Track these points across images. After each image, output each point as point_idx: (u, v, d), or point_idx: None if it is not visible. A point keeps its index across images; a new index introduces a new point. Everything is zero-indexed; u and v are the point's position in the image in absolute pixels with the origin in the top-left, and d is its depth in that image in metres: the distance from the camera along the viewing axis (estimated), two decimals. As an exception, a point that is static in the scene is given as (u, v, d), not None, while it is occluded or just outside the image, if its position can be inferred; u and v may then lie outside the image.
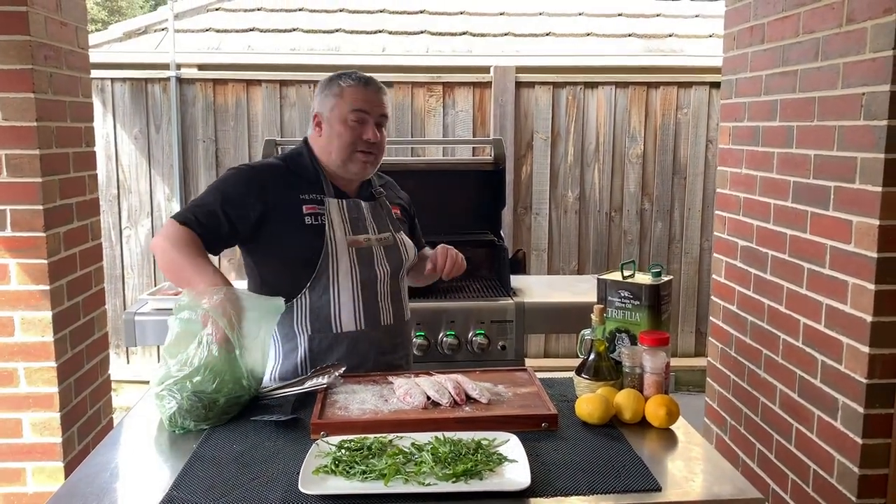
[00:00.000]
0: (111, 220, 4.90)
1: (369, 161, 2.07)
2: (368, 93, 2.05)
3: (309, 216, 2.01)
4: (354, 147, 2.03)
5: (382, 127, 2.08)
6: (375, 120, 2.05)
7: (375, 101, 2.06)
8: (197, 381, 1.63)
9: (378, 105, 2.06)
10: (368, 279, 2.05)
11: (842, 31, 2.20)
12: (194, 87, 4.86)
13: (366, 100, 2.04)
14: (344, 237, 2.03)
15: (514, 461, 1.43)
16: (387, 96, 2.11)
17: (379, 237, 2.10)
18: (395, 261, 2.11)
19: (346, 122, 2.03)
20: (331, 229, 2.02)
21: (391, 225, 2.15)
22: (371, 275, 2.06)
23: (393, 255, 2.11)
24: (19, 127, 2.47)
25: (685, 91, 5.01)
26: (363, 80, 2.06)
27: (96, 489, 1.40)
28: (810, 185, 2.37)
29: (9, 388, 2.57)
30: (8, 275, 2.52)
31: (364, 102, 2.04)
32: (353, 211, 2.08)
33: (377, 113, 2.06)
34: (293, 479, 1.38)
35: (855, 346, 2.13)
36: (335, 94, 2.04)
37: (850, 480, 2.16)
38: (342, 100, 2.03)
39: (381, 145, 2.08)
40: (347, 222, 2.06)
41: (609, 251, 5.11)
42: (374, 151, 2.06)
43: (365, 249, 2.06)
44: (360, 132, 2.03)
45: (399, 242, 2.14)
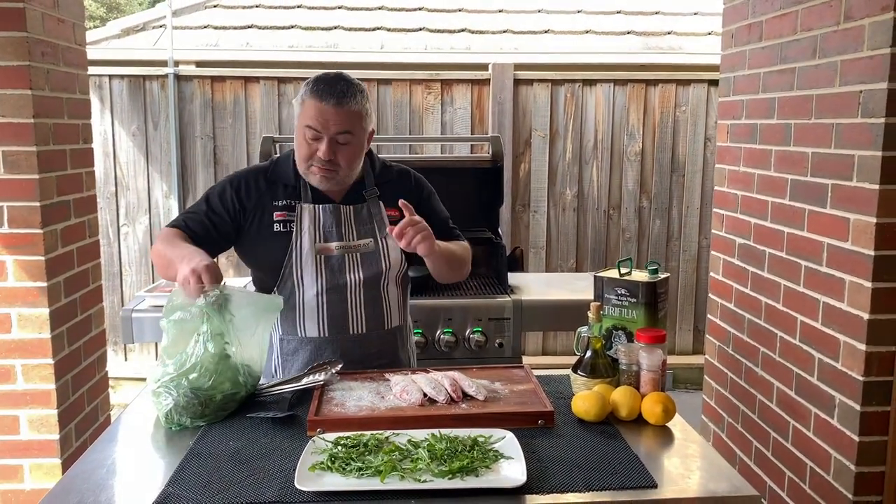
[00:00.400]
0: (109, 218, 4.90)
1: (326, 176, 1.97)
2: (324, 108, 1.91)
3: (278, 223, 2.03)
4: (309, 162, 1.97)
5: (344, 144, 1.95)
6: (331, 136, 1.93)
7: (332, 117, 1.92)
8: (193, 377, 1.63)
9: (336, 122, 1.92)
10: (335, 287, 2.01)
11: (839, 28, 2.20)
12: (192, 84, 4.85)
13: (319, 116, 1.92)
14: (312, 244, 2.01)
15: (510, 458, 1.43)
16: (353, 107, 1.94)
17: (357, 244, 2.04)
18: (372, 268, 2.04)
19: (304, 135, 1.95)
20: (298, 237, 2.01)
21: (377, 230, 2.06)
22: (339, 282, 2.01)
23: (371, 262, 2.04)
24: (16, 123, 2.47)
25: (684, 89, 5.01)
26: (320, 93, 1.93)
27: (93, 485, 1.40)
28: (808, 183, 2.37)
29: (6, 384, 2.57)
30: (5, 271, 2.52)
31: (317, 119, 1.92)
32: (328, 217, 2.03)
33: (334, 130, 1.92)
34: (289, 475, 1.38)
35: (852, 343, 2.14)
36: (299, 103, 1.98)
37: (846, 478, 2.17)
38: (302, 110, 1.96)
39: (342, 163, 1.96)
40: (320, 229, 2.02)
41: (607, 249, 5.12)
42: (330, 167, 1.96)
43: (335, 257, 2.02)
44: (315, 148, 1.94)
45: (382, 249, 2.05)
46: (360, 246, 2.04)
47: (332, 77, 1.98)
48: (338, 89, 1.93)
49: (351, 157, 1.98)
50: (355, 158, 2.00)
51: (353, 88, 1.96)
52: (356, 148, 1.99)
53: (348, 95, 1.94)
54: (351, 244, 2.04)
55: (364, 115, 1.98)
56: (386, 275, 2.07)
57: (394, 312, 2.11)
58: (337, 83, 1.95)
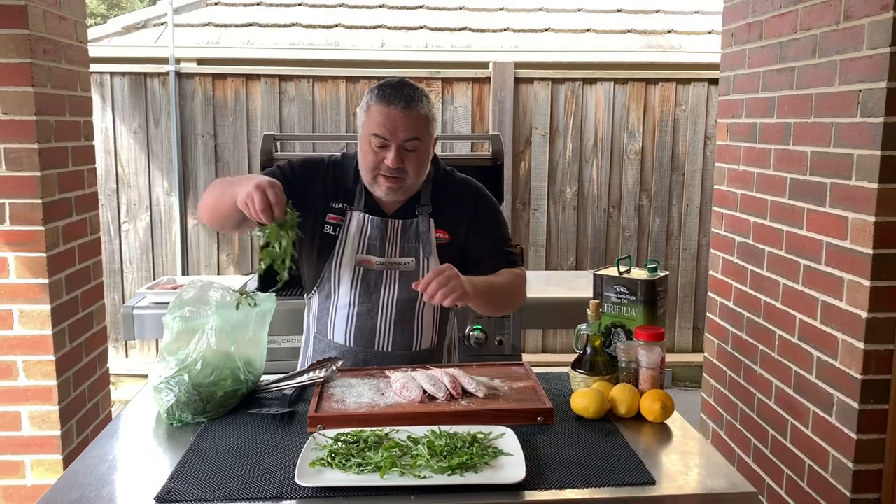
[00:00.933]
0: (110, 215, 4.91)
1: (394, 186, 1.91)
2: (392, 113, 1.85)
3: (329, 225, 2.00)
4: (377, 171, 1.90)
5: (412, 151, 1.88)
6: (399, 143, 1.86)
7: (400, 122, 1.85)
8: (195, 374, 1.64)
9: (403, 128, 1.85)
10: (368, 301, 1.99)
11: (839, 28, 2.21)
12: (193, 82, 4.86)
13: (387, 123, 1.85)
14: (353, 255, 1.98)
15: (509, 455, 1.44)
16: (421, 111, 1.88)
17: (398, 261, 1.99)
18: (408, 289, 1.97)
19: (370, 143, 1.88)
20: (342, 244, 1.99)
21: (421, 249, 1.99)
22: (373, 298, 1.99)
23: (409, 282, 1.96)
24: (18, 121, 2.47)
25: (684, 87, 5.02)
26: (387, 97, 1.86)
27: (94, 480, 1.41)
28: (807, 182, 2.38)
29: (8, 381, 2.58)
30: (7, 268, 2.53)
31: (384, 126, 1.85)
32: (375, 230, 1.98)
33: (402, 137, 1.86)
34: (290, 471, 1.39)
35: (850, 342, 2.15)
36: (363, 110, 1.91)
37: (844, 475, 2.17)
38: (367, 118, 1.89)
39: (410, 170, 1.90)
40: (364, 240, 1.98)
41: (607, 247, 5.12)
42: (398, 176, 1.89)
43: (374, 271, 1.99)
44: (382, 157, 1.87)
45: (422, 271, 1.98)
46: (400, 264, 1.99)
47: (396, 82, 1.91)
48: (405, 93, 1.87)
49: (419, 165, 1.92)
50: (423, 166, 1.94)
51: (419, 93, 1.90)
52: (424, 155, 1.92)
53: (416, 99, 1.87)
54: (392, 261, 1.99)
55: (431, 119, 1.92)
56: (421, 298, 1.97)
57: (425, 335, 2.05)
58: (403, 88, 1.88)
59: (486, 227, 2.06)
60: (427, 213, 2.01)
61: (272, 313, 1.83)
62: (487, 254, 2.01)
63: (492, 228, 2.07)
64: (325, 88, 4.90)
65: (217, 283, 1.77)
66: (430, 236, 2.01)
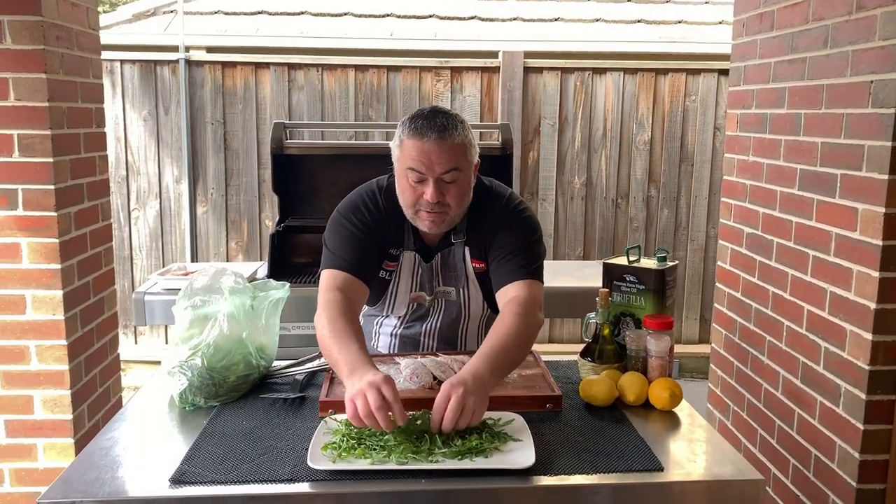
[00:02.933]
0: (120, 202, 4.93)
1: (435, 220, 1.83)
2: (426, 146, 1.76)
3: (385, 271, 1.97)
4: (415, 206, 1.83)
5: (451, 182, 1.79)
6: (437, 177, 1.77)
7: (435, 155, 1.76)
8: (208, 359, 1.66)
9: (439, 161, 1.76)
10: (413, 326, 2.03)
11: (851, 18, 2.20)
12: (203, 70, 4.87)
13: (420, 157, 1.76)
14: (406, 292, 1.99)
15: (518, 440, 1.46)
16: (456, 140, 1.77)
17: (443, 290, 1.99)
18: (451, 316, 2.00)
19: (407, 178, 1.81)
20: (395, 284, 1.98)
21: (458, 279, 1.97)
22: (418, 324, 2.03)
23: (451, 310, 2.00)
24: (31, 107, 2.49)
25: (693, 78, 5.00)
26: (419, 129, 1.77)
27: (109, 461, 1.43)
28: (817, 173, 2.37)
29: (21, 365, 2.61)
30: (20, 253, 2.55)
31: (419, 160, 1.76)
32: (425, 271, 1.97)
33: (439, 170, 1.77)
34: (302, 454, 1.41)
35: (858, 332, 2.15)
36: (397, 145, 1.83)
37: (850, 466, 2.18)
38: (401, 152, 1.81)
39: (451, 202, 1.81)
40: (417, 279, 1.98)
41: (615, 238, 5.13)
42: (440, 210, 1.81)
43: (425, 305, 2.00)
44: (421, 192, 1.80)
45: (462, 299, 1.98)
46: (446, 293, 2.00)
47: (428, 112, 1.81)
48: (437, 123, 1.77)
49: (460, 196, 1.83)
50: (464, 196, 1.85)
51: (452, 119, 1.80)
52: (464, 185, 1.83)
53: (449, 128, 1.77)
54: (438, 290, 2.00)
55: (468, 146, 1.82)
56: (465, 322, 2.02)
57: None
58: (435, 117, 1.79)
59: (500, 236, 1.91)
60: (461, 240, 1.95)
61: (285, 301, 1.85)
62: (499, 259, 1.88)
63: (513, 230, 1.92)
64: (335, 77, 4.90)
65: (229, 269, 1.79)
66: (467, 266, 1.97)
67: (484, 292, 1.98)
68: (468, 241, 1.95)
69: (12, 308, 2.58)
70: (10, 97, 2.47)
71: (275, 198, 3.77)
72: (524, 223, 1.95)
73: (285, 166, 3.37)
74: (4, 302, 2.57)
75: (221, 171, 4.94)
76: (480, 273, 1.95)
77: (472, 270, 1.96)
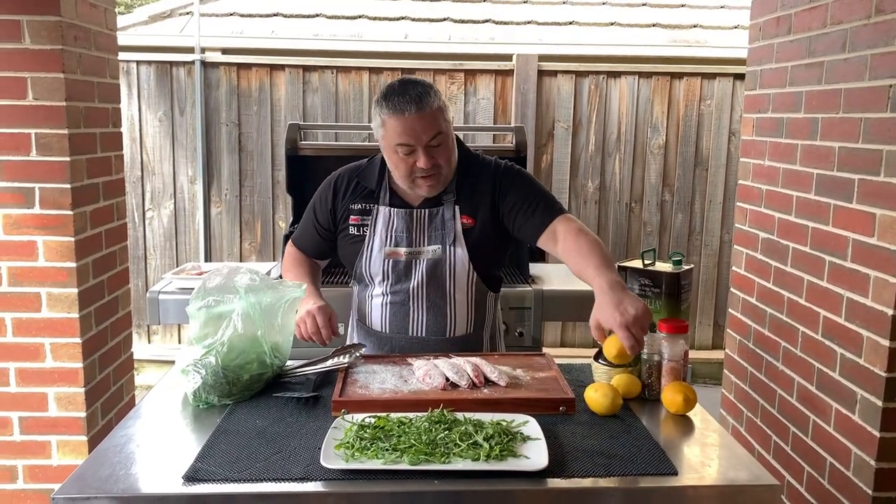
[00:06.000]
0: (134, 202, 4.96)
1: (433, 184, 1.98)
2: (409, 122, 1.88)
3: (353, 226, 2.10)
4: (411, 175, 1.96)
5: (438, 146, 1.93)
6: (426, 145, 1.91)
7: (419, 126, 1.89)
8: (222, 357, 1.66)
9: (424, 130, 1.89)
10: (400, 290, 2.06)
11: (870, 22, 2.18)
12: (218, 71, 4.89)
13: (407, 131, 1.89)
14: (381, 248, 2.05)
15: (531, 442, 1.45)
16: (434, 106, 1.91)
17: (424, 249, 2.04)
18: (436, 275, 2.03)
19: (397, 153, 1.93)
20: (371, 239, 2.06)
21: (446, 237, 2.03)
22: (404, 286, 2.05)
23: (437, 269, 2.03)
24: (49, 106, 2.51)
25: (709, 82, 4.98)
26: (399, 106, 1.88)
27: (123, 458, 1.44)
28: (834, 178, 2.36)
29: (35, 362, 2.62)
30: (36, 251, 2.57)
31: (406, 135, 1.90)
32: (401, 222, 2.04)
33: (426, 138, 1.90)
34: (315, 454, 1.41)
35: (875, 339, 2.13)
36: (379, 125, 1.95)
37: (866, 473, 2.16)
38: (385, 131, 1.93)
39: (442, 163, 1.96)
40: (392, 233, 2.05)
41: (628, 242, 5.11)
42: (433, 173, 1.95)
43: (403, 261, 2.04)
44: (413, 161, 1.93)
45: (448, 257, 2.03)
46: (427, 252, 2.04)
47: (398, 86, 1.93)
48: (412, 96, 1.88)
49: (448, 155, 1.98)
50: (452, 153, 2.00)
51: (424, 87, 1.92)
52: (450, 144, 1.99)
53: (425, 96, 1.90)
54: (418, 249, 2.04)
55: (444, 108, 1.95)
56: (451, 282, 2.05)
57: (459, 321, 2.08)
58: (407, 90, 1.90)
59: (512, 195, 2.04)
60: (452, 200, 2.06)
61: (300, 301, 1.85)
62: (524, 209, 2.00)
63: (523, 194, 2.03)
64: (349, 79, 4.92)
65: (244, 267, 1.79)
66: (456, 224, 2.05)
67: (471, 253, 2.04)
68: (458, 199, 2.05)
69: (28, 305, 2.59)
70: (29, 96, 2.50)
71: (288, 199, 3.79)
72: (526, 177, 2.11)
73: (299, 167, 3.38)
74: (20, 299, 2.59)
75: (236, 171, 4.97)
76: (468, 229, 2.04)
77: (460, 228, 2.04)
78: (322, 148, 3.64)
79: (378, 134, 1.97)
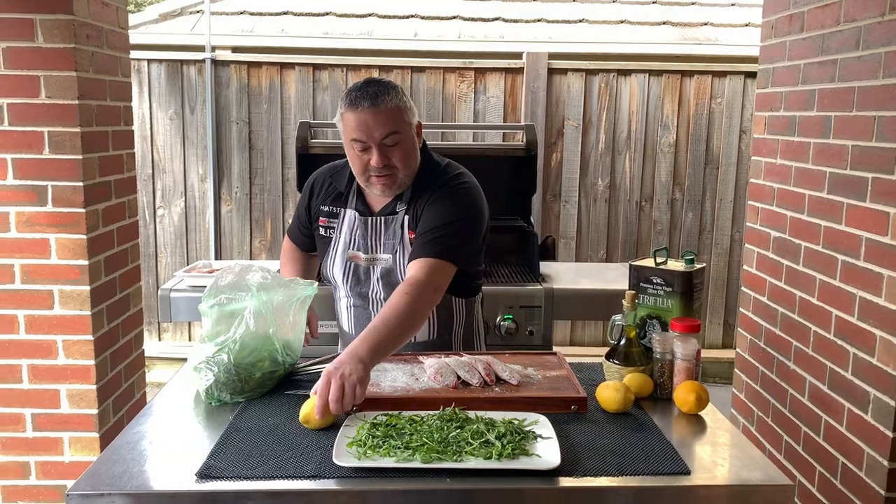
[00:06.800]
0: (145, 200, 4.98)
1: (387, 183, 1.96)
2: (362, 115, 1.87)
3: (322, 228, 2.15)
4: (366, 173, 1.96)
5: (394, 146, 1.91)
6: (379, 142, 1.89)
7: (372, 123, 1.87)
8: (234, 354, 1.67)
9: (377, 127, 1.88)
10: (360, 294, 2.09)
11: (884, 19, 2.17)
12: (229, 70, 4.90)
13: (360, 126, 1.88)
14: (345, 251, 2.08)
15: (543, 441, 1.45)
16: (389, 104, 1.88)
17: (379, 257, 2.04)
18: (391, 283, 2.02)
19: (353, 149, 1.93)
20: (336, 241, 2.10)
21: (396, 246, 2.03)
22: (363, 291, 2.09)
23: (391, 276, 2.04)
24: (62, 104, 2.52)
25: (720, 80, 4.96)
26: (354, 101, 1.89)
27: (136, 455, 1.44)
28: (847, 176, 2.34)
29: (48, 359, 2.64)
30: (48, 249, 2.58)
31: (359, 130, 1.89)
32: (360, 228, 2.06)
33: (378, 136, 1.88)
34: (327, 451, 1.41)
35: (889, 339, 2.12)
36: (338, 119, 1.95)
37: (879, 474, 2.15)
38: (343, 125, 1.93)
39: (397, 164, 1.94)
40: (355, 238, 2.07)
41: (638, 240, 5.09)
42: (386, 173, 1.94)
43: (363, 266, 2.07)
44: (367, 159, 1.92)
45: (399, 265, 2.02)
46: (381, 260, 2.05)
47: (361, 83, 1.94)
48: (370, 92, 1.89)
49: (405, 157, 1.95)
50: (409, 156, 1.97)
51: (385, 86, 1.91)
52: (407, 146, 1.95)
53: (381, 94, 1.89)
54: (375, 256, 2.06)
55: (404, 108, 1.93)
56: None
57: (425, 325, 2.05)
58: (367, 87, 1.91)
59: (429, 209, 1.98)
60: (403, 210, 2.04)
61: (311, 299, 1.86)
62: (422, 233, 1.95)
63: (436, 210, 1.97)
64: (359, 77, 4.92)
65: (255, 265, 1.80)
66: (404, 234, 2.04)
67: None
68: (408, 209, 2.03)
69: (40, 303, 2.61)
70: (42, 94, 2.51)
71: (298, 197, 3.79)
72: (456, 202, 1.99)
73: (310, 165, 3.36)
74: (33, 297, 2.61)
75: (246, 170, 4.98)
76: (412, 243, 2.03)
77: (408, 239, 2.02)
78: (332, 146, 3.64)
79: (339, 129, 1.98)
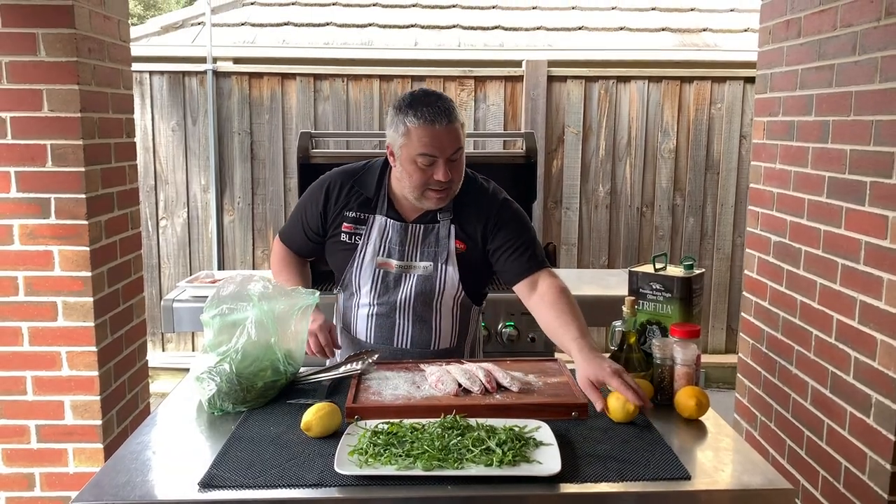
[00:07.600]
0: (148, 211, 5.00)
1: (442, 197, 1.97)
2: (437, 133, 1.87)
3: (345, 234, 2.08)
4: (426, 187, 1.94)
5: (456, 161, 1.93)
6: (447, 157, 1.90)
7: (445, 139, 1.88)
8: (236, 364, 1.68)
9: (449, 144, 1.89)
10: (387, 302, 2.06)
11: (880, 24, 2.18)
12: (230, 81, 4.93)
13: (433, 142, 1.88)
14: (374, 258, 2.05)
15: (544, 448, 1.45)
16: (458, 124, 1.91)
17: (416, 265, 2.04)
18: (425, 290, 2.03)
19: (416, 163, 1.91)
20: (364, 247, 2.06)
21: (439, 254, 2.03)
22: (391, 298, 2.05)
23: (426, 284, 2.03)
24: (64, 118, 2.54)
25: (719, 86, 4.97)
26: (430, 118, 1.87)
27: (140, 465, 1.45)
28: (846, 181, 2.35)
29: (52, 371, 2.65)
30: (52, 261, 2.60)
31: (432, 146, 1.88)
32: (395, 235, 2.04)
33: (448, 152, 1.90)
34: (329, 460, 1.42)
35: (889, 342, 2.12)
36: (403, 134, 1.91)
37: (882, 477, 2.15)
38: (409, 140, 1.90)
39: (456, 178, 1.96)
40: (385, 244, 2.04)
41: (640, 246, 5.10)
42: (447, 187, 1.95)
43: (393, 274, 2.04)
44: (431, 173, 1.91)
45: (440, 274, 2.03)
46: (418, 268, 2.04)
47: (422, 97, 1.93)
48: (442, 109, 1.89)
49: (461, 171, 1.99)
50: (463, 170, 2.01)
51: (449, 101, 1.93)
52: (463, 160, 1.99)
53: (453, 110, 1.91)
54: (410, 264, 2.04)
55: (464, 125, 1.97)
56: (439, 298, 2.05)
57: (444, 334, 2.09)
58: (437, 102, 1.90)
59: (504, 228, 2.04)
60: (448, 219, 2.05)
61: (313, 308, 1.87)
62: (512, 251, 2.02)
63: (511, 227, 2.04)
64: (360, 87, 4.94)
65: (257, 275, 1.81)
66: (450, 243, 2.04)
67: (461, 273, 2.04)
68: (454, 220, 2.04)
69: (44, 315, 2.62)
70: (44, 108, 2.53)
71: (300, 206, 3.80)
72: (521, 217, 2.10)
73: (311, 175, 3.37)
74: (36, 308, 2.62)
75: (248, 180, 5.00)
76: (460, 253, 2.04)
77: (454, 248, 2.04)
78: (334, 156, 3.66)
79: (397, 142, 1.93)
